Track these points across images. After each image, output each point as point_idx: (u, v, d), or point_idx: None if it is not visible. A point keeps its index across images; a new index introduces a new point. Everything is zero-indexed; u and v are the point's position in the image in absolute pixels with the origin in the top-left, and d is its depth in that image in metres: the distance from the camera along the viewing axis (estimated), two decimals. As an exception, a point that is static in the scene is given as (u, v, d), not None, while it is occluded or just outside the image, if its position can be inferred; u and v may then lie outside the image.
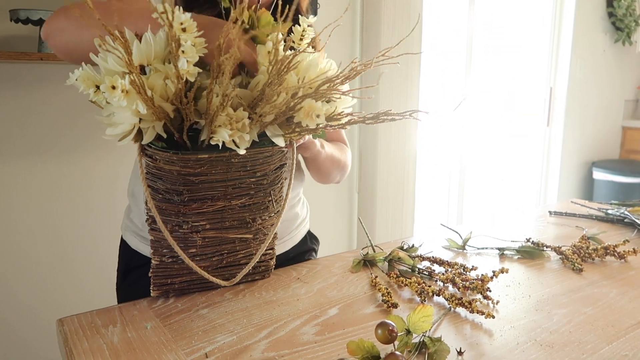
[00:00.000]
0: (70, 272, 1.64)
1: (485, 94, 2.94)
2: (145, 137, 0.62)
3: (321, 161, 0.88)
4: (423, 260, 0.89)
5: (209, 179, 0.67)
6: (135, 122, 0.59)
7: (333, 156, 0.91)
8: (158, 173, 0.67)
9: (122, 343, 0.61)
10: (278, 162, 0.73)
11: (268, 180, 0.72)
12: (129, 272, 0.90)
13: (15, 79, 1.47)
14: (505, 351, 0.60)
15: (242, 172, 0.69)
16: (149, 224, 0.70)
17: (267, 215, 0.75)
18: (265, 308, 0.71)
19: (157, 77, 0.60)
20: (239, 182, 0.70)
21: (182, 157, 0.64)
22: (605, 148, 3.55)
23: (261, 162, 0.70)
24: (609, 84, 3.45)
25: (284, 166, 0.75)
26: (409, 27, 2.14)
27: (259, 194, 0.72)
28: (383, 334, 0.55)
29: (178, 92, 0.59)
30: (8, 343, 1.58)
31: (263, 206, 0.74)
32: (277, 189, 0.75)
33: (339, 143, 0.99)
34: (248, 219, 0.73)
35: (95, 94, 0.58)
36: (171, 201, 0.68)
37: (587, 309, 0.71)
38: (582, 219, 1.20)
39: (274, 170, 0.73)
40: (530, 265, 0.89)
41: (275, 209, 0.76)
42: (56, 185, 1.58)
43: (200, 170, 0.66)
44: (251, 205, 0.72)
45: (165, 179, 0.67)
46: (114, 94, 0.55)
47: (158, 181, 0.67)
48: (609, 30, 3.33)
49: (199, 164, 0.65)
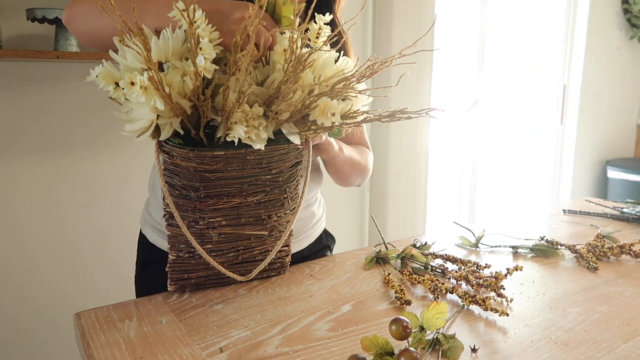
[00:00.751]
0: (82, 270, 1.66)
1: (497, 91, 2.92)
2: (162, 133, 0.62)
3: (340, 164, 0.88)
4: (436, 258, 0.88)
5: (225, 175, 0.68)
6: (153, 118, 0.60)
7: (352, 159, 0.90)
8: (175, 169, 0.67)
9: (138, 337, 0.62)
10: (294, 159, 0.73)
11: (284, 177, 0.73)
12: (147, 266, 0.91)
13: (31, 77, 1.49)
14: (519, 349, 0.60)
15: (258, 169, 0.69)
16: (167, 220, 0.71)
17: (283, 212, 0.75)
18: (279, 304, 0.71)
19: (175, 74, 0.61)
20: (255, 179, 0.70)
21: (198, 153, 0.65)
22: (619, 146, 3.51)
23: (277, 160, 0.71)
24: (624, 81, 3.41)
25: (299, 164, 0.75)
26: (420, 23, 2.13)
27: (274, 191, 0.73)
28: (397, 330, 0.55)
29: (196, 89, 0.60)
30: (21, 343, 1.60)
31: (278, 203, 0.74)
32: (292, 187, 0.75)
33: (360, 146, 0.98)
34: (263, 215, 0.73)
35: (115, 91, 0.59)
36: (188, 197, 0.68)
37: (602, 308, 0.71)
38: (597, 217, 1.19)
39: (289, 167, 0.73)
40: (544, 263, 0.89)
41: (291, 206, 0.76)
42: (69, 181, 1.60)
43: (217, 167, 0.66)
44: (267, 202, 0.73)
45: (182, 175, 0.67)
46: (132, 90, 0.56)
47: (175, 177, 0.68)
48: (624, 27, 3.29)
49: (215, 160, 0.66)
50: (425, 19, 2.14)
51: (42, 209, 1.57)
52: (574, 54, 3.13)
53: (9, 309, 1.57)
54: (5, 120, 1.48)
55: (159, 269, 0.78)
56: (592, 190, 3.40)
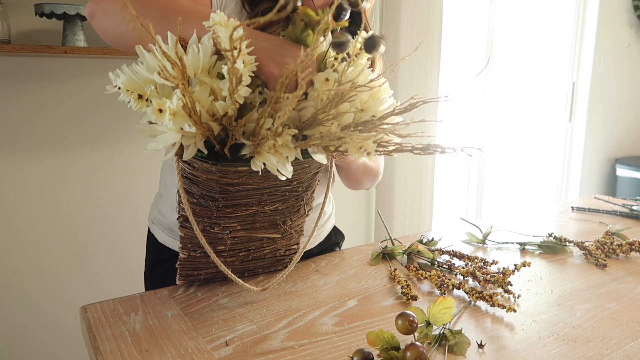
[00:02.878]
0: (87, 267, 1.67)
1: (506, 89, 2.90)
2: (186, 153, 0.58)
3: (353, 169, 0.86)
4: (443, 254, 0.88)
5: (246, 187, 0.66)
6: (178, 139, 0.56)
7: (366, 164, 0.88)
8: (194, 179, 0.65)
9: (144, 330, 0.62)
10: (314, 169, 0.71)
11: (303, 187, 0.72)
12: (157, 265, 0.90)
13: (39, 73, 1.50)
14: (526, 345, 0.59)
15: (279, 181, 0.67)
16: (181, 222, 0.69)
17: (298, 217, 0.75)
18: (285, 299, 0.71)
19: (203, 91, 0.56)
20: (275, 189, 0.69)
21: (221, 168, 0.62)
22: (629, 144, 3.47)
23: (299, 172, 0.69)
24: (633, 79, 3.37)
25: (319, 172, 0.73)
26: (429, 20, 2.12)
27: (292, 199, 0.72)
28: (403, 325, 0.55)
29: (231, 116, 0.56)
30: (27, 340, 1.61)
31: (294, 209, 0.73)
32: (309, 193, 0.74)
33: None
34: (279, 221, 0.73)
35: (138, 103, 0.53)
36: (205, 205, 0.66)
37: (611, 305, 0.70)
38: (606, 214, 1.18)
39: (309, 177, 0.72)
40: (552, 260, 0.88)
41: (306, 211, 0.75)
42: (76, 176, 1.61)
43: (238, 180, 0.64)
44: (283, 209, 0.72)
45: (201, 185, 0.65)
46: (162, 118, 0.51)
47: (193, 186, 0.65)
48: (634, 24, 3.25)
49: (238, 174, 0.63)
50: (433, 16, 2.13)
51: (48, 204, 1.58)
52: (584, 52, 3.11)
53: (14, 305, 1.58)
54: (13, 115, 1.49)
55: (169, 267, 0.78)
56: (601, 189, 3.37)
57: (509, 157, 3.10)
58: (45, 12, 1.34)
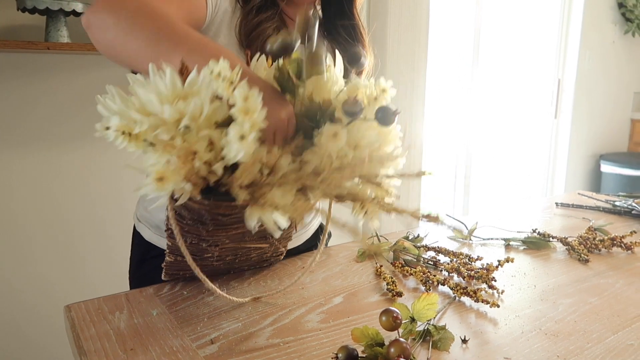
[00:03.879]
0: (74, 264, 1.66)
1: (492, 85, 2.92)
2: (179, 200, 0.54)
3: None
4: (428, 250, 0.89)
5: (238, 215, 0.63)
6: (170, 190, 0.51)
7: None
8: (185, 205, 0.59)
9: (128, 329, 0.61)
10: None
11: None
12: (142, 263, 0.89)
13: (22, 69, 1.47)
14: (510, 340, 0.60)
15: None
16: (168, 234, 0.66)
17: (287, 230, 0.74)
18: (271, 296, 0.71)
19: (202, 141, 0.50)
20: None
21: (213, 203, 0.58)
22: (613, 141, 3.52)
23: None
24: (618, 75, 3.42)
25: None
26: (415, 17, 2.12)
27: None
28: (387, 321, 0.55)
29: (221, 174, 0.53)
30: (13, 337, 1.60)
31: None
32: None
33: None
34: (268, 235, 0.72)
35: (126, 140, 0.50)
36: (194, 227, 0.64)
37: (593, 299, 0.71)
38: (589, 210, 1.20)
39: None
40: (536, 255, 0.89)
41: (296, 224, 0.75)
42: (61, 174, 1.59)
43: (231, 212, 0.62)
44: None
45: (192, 211, 0.62)
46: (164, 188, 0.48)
47: (184, 210, 0.62)
48: (618, 21, 3.29)
49: (230, 207, 0.60)
50: (420, 12, 2.13)
51: (34, 201, 1.56)
52: (569, 48, 3.14)
53: (1, 300, 1.56)
54: (-4, 112, 1.46)
55: (156, 265, 0.77)
56: (586, 184, 3.41)
57: (495, 153, 3.13)
58: (27, 7, 1.32)
